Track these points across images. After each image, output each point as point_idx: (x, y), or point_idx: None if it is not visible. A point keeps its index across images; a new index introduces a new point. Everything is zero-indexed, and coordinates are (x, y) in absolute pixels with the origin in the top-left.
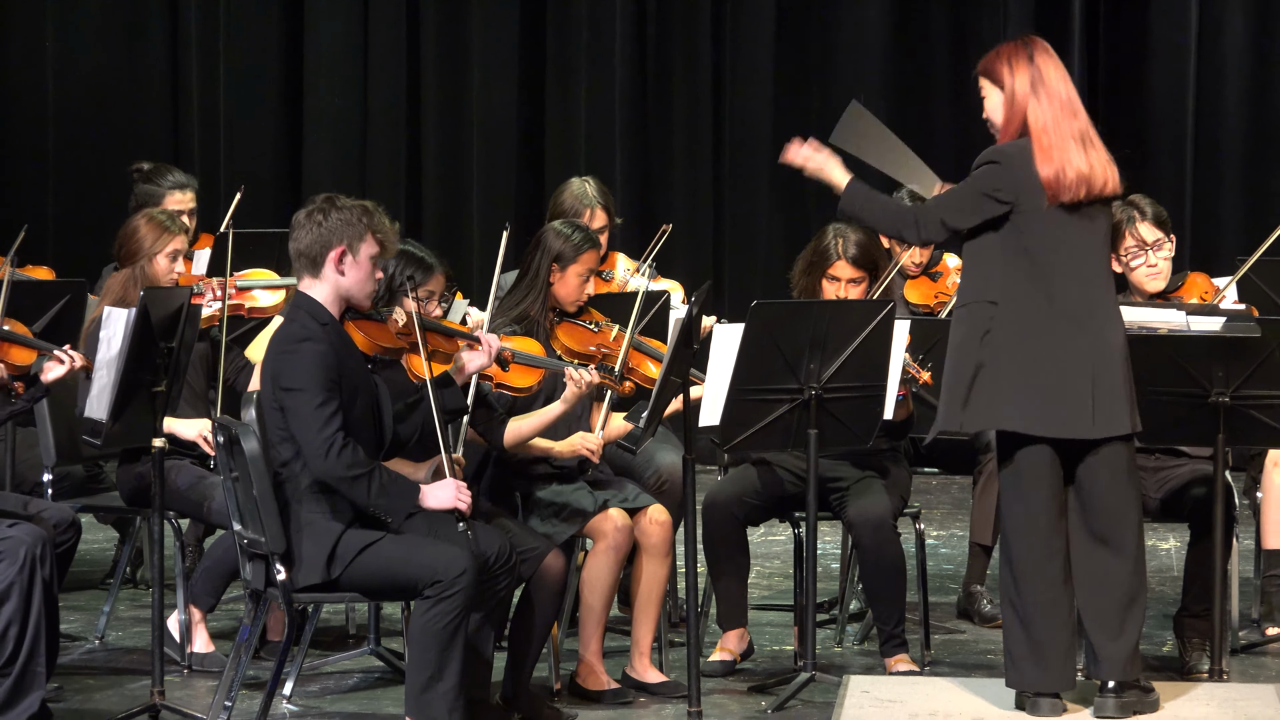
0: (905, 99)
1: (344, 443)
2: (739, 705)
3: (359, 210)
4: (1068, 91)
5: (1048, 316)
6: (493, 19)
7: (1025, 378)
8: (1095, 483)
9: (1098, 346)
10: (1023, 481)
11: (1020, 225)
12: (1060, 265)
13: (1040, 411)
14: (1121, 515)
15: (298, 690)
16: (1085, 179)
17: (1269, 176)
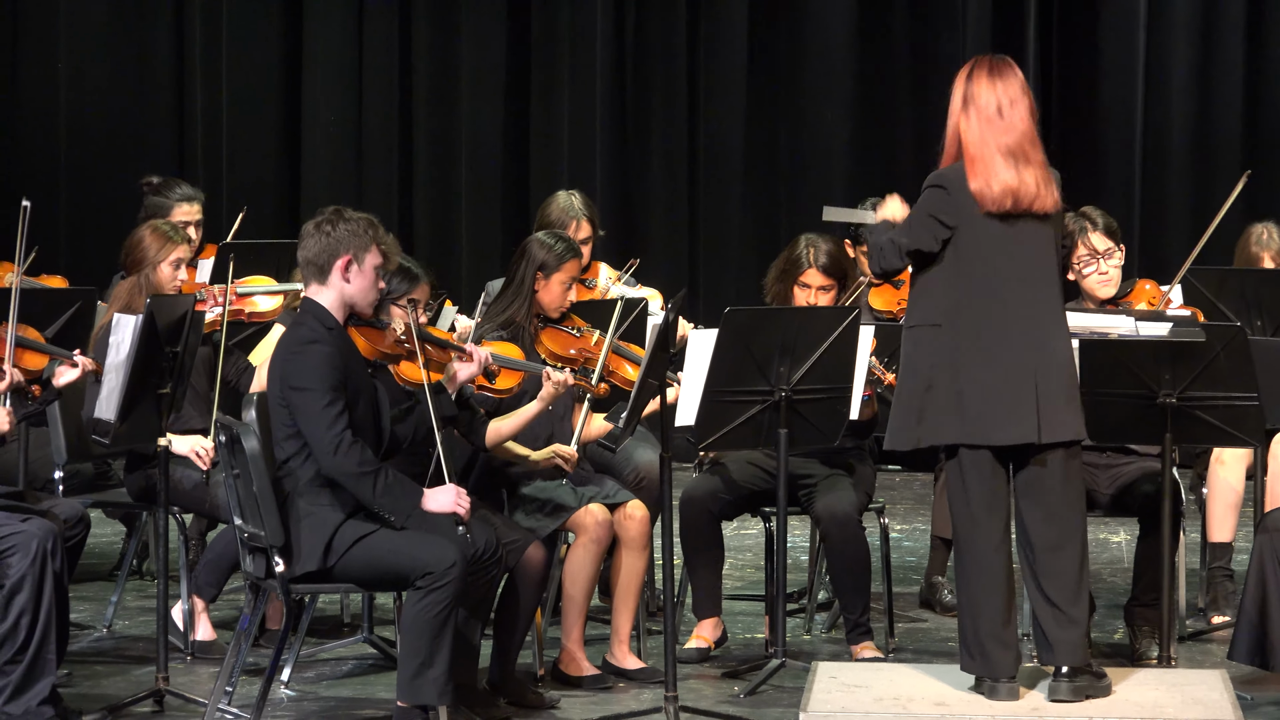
0: (868, 113)
1: (351, 440)
2: (713, 690)
3: (365, 223)
4: (1000, 106)
5: (990, 330)
6: (480, 39)
7: (971, 391)
8: (1042, 485)
9: (1042, 357)
10: (966, 483)
11: (960, 244)
12: (1001, 279)
13: (987, 422)
14: (1067, 515)
15: (295, 676)
16: (1011, 191)
17: (1213, 188)
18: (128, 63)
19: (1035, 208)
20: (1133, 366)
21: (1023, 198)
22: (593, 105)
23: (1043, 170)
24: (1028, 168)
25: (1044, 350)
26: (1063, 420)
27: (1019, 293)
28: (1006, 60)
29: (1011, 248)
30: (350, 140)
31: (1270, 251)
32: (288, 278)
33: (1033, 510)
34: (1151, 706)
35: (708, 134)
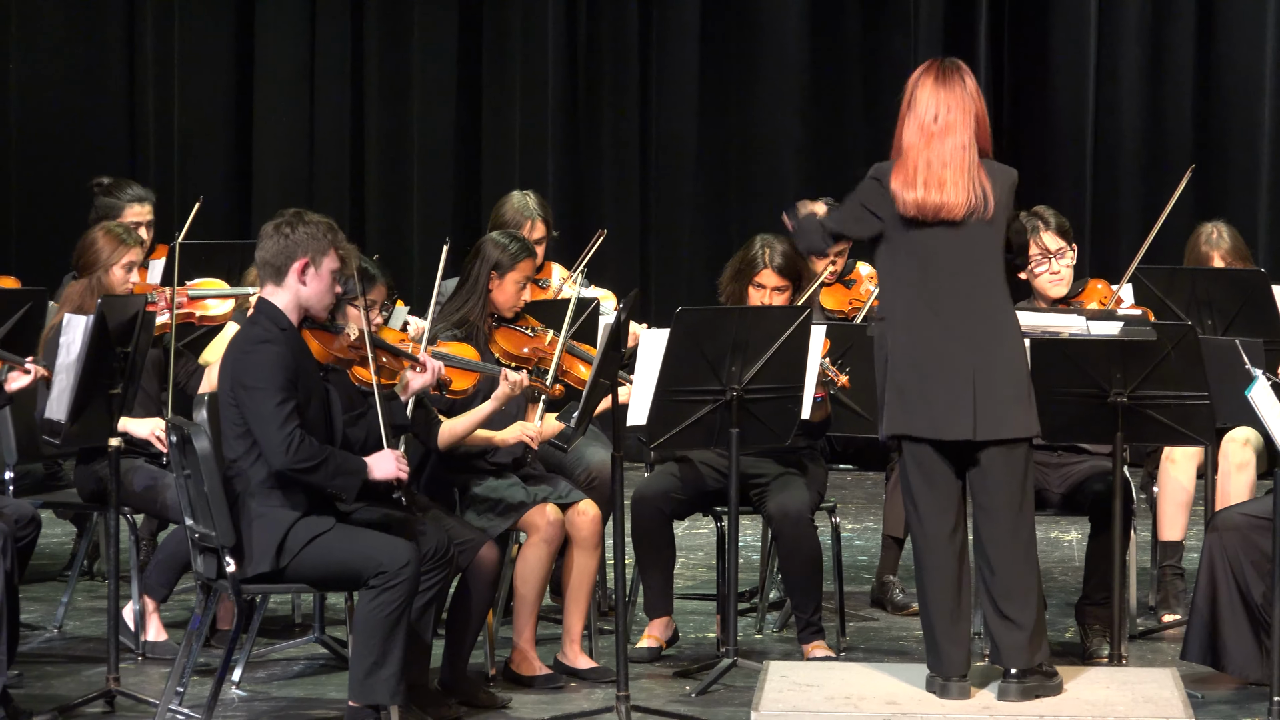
0: (820, 113)
1: (301, 438)
2: (664, 689)
3: (325, 226)
4: (937, 114)
5: (925, 326)
6: (432, 39)
7: (908, 386)
8: (985, 484)
9: (981, 354)
10: (912, 481)
11: (896, 240)
12: (936, 277)
13: (923, 416)
14: (1009, 514)
15: (246, 676)
16: (918, 204)
17: (1163, 188)
18: (80, 63)
19: (947, 216)
20: (1084, 365)
21: (926, 208)
22: (544, 105)
23: (968, 176)
24: (948, 178)
25: (984, 348)
26: (1002, 418)
27: (955, 290)
28: (957, 66)
29: (948, 245)
30: (302, 140)
31: (1220, 251)
32: (239, 279)
33: (978, 509)
34: (1103, 705)
35: (659, 134)
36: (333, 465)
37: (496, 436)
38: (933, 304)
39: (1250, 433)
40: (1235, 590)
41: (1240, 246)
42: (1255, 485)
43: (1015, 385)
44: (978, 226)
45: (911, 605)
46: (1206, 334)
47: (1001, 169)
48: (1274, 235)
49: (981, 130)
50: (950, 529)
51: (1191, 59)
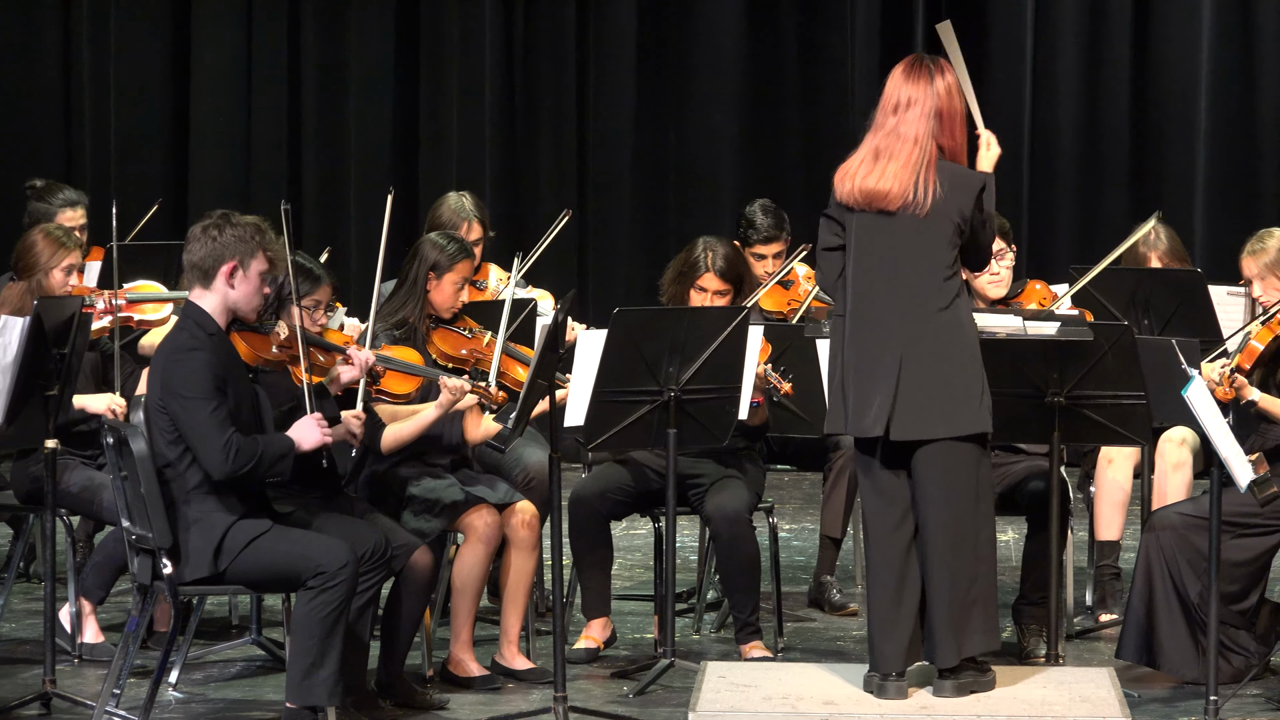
0: (757, 113)
1: (238, 444)
2: (602, 690)
3: (252, 228)
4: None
5: (863, 323)
6: (368, 39)
7: (847, 382)
8: (919, 484)
9: (909, 352)
10: (860, 478)
11: (848, 237)
12: (874, 273)
13: (854, 413)
14: (942, 512)
15: (183, 678)
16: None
17: (1099, 190)
18: (14, 63)
19: (881, 207)
20: (1021, 366)
21: (859, 197)
22: (481, 106)
23: (911, 168)
24: (890, 170)
25: (911, 345)
26: (924, 418)
27: (884, 287)
28: (932, 60)
29: (882, 239)
30: (238, 140)
31: (1158, 251)
32: (176, 280)
33: (915, 508)
34: (1039, 704)
35: (597, 135)
36: (268, 456)
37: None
38: (868, 298)
39: (1187, 432)
40: (1171, 590)
41: (1177, 247)
42: (1191, 485)
43: (948, 383)
44: (909, 221)
45: (849, 605)
46: (1143, 334)
47: (963, 174)
48: (1211, 235)
49: (945, 126)
50: (892, 526)
51: (1128, 59)
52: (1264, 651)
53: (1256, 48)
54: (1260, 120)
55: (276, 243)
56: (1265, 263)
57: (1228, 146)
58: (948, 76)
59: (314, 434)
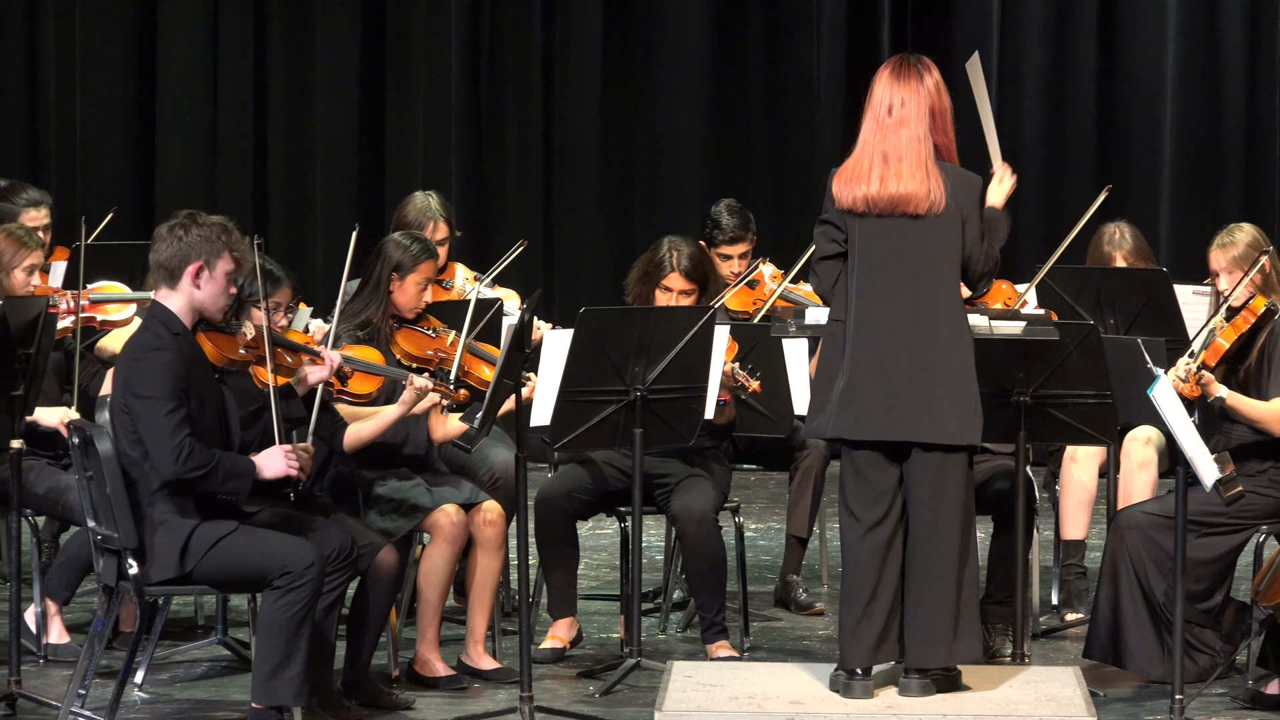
0: (723, 113)
1: (191, 447)
2: (568, 690)
3: (218, 228)
4: (891, 106)
5: (873, 327)
6: (334, 40)
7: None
8: (914, 485)
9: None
10: (845, 478)
11: (852, 240)
12: (885, 277)
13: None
14: (933, 517)
15: (149, 679)
16: (870, 198)
17: (1066, 190)
18: None
19: (904, 210)
20: (986, 365)
21: (880, 201)
22: (448, 106)
23: (924, 169)
24: (904, 170)
25: (924, 350)
26: (936, 421)
27: (899, 290)
28: (919, 60)
29: (892, 245)
30: (205, 141)
31: (1123, 251)
32: (141, 280)
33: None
34: (1005, 704)
35: (563, 134)
36: (222, 470)
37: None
38: (879, 302)
39: (1152, 431)
40: (1137, 589)
41: (1142, 246)
42: (1157, 484)
43: (954, 388)
44: (930, 221)
45: (815, 605)
46: (1109, 333)
47: (963, 174)
48: (1176, 235)
49: (939, 126)
50: (875, 524)
51: (1094, 59)
52: (1229, 650)
53: (1222, 48)
54: (1225, 121)
55: (243, 243)
56: (1233, 257)
57: (1193, 147)
58: (935, 74)
59: (278, 464)
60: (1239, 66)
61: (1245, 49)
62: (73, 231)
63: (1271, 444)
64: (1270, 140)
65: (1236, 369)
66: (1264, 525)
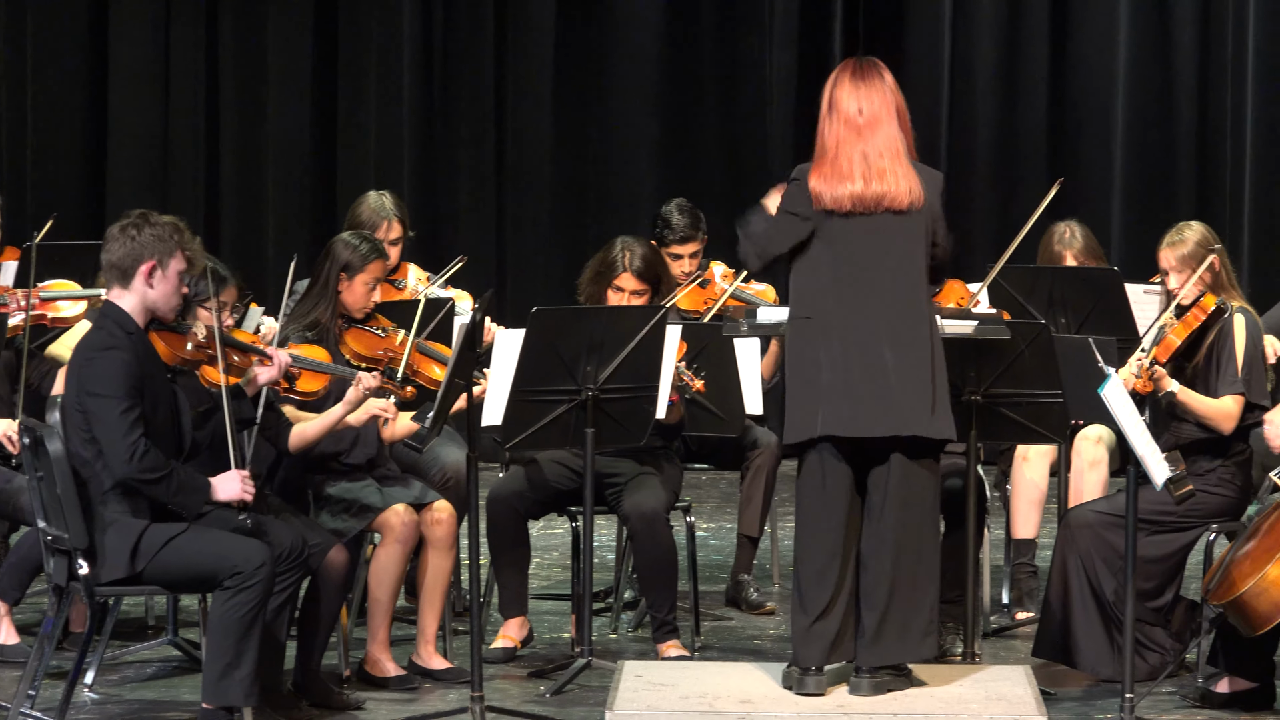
0: (675, 113)
1: (145, 447)
2: (519, 690)
3: (171, 228)
4: (861, 108)
5: (849, 324)
6: (286, 40)
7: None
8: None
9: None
10: (807, 475)
11: (822, 237)
12: (860, 273)
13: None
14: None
15: (99, 679)
16: (855, 197)
17: (1018, 189)
18: None
19: (889, 206)
20: None
21: (867, 200)
22: (400, 106)
23: (903, 166)
24: (886, 168)
25: (902, 346)
26: (919, 417)
27: (878, 287)
28: (873, 63)
29: (870, 242)
30: (156, 142)
31: (1073, 250)
32: (93, 280)
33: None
34: (956, 702)
35: (515, 133)
36: (175, 482)
37: (350, 419)
38: (855, 299)
39: (1103, 430)
40: (1087, 588)
41: (1093, 246)
42: (1108, 483)
43: (930, 385)
44: (913, 217)
45: (766, 604)
46: (1060, 333)
47: (928, 171)
48: (1127, 234)
49: (904, 124)
50: (834, 524)
51: (1046, 59)
52: (1179, 649)
53: (1173, 47)
54: (1176, 120)
55: (194, 243)
56: (1183, 255)
57: (1144, 146)
58: (890, 74)
59: (233, 487)
60: (1190, 66)
61: (1196, 49)
62: (21, 232)
63: (1220, 442)
64: (1220, 139)
65: (1184, 367)
66: (1214, 524)
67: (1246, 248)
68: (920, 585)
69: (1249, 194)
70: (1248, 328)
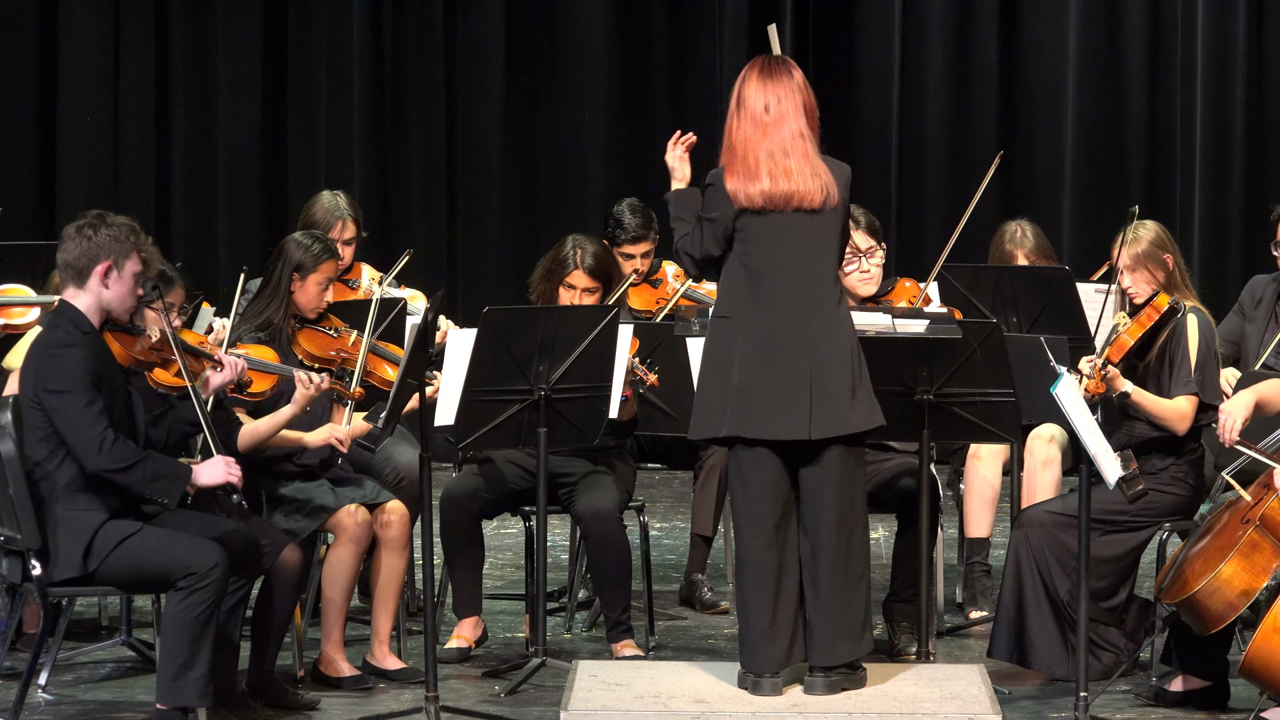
0: (626, 113)
1: (114, 438)
2: (474, 690)
3: (127, 229)
4: (768, 105)
5: (766, 323)
6: (237, 41)
7: (748, 384)
8: (814, 481)
9: (818, 351)
10: (743, 478)
11: (739, 238)
12: (776, 273)
13: (761, 416)
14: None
15: (53, 680)
16: (765, 194)
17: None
18: None
19: (799, 205)
20: (890, 364)
21: (776, 198)
22: (350, 106)
23: (811, 164)
24: (793, 167)
25: (819, 345)
26: (839, 415)
27: (794, 286)
28: (782, 60)
29: (786, 241)
30: (107, 141)
31: (1024, 249)
32: (44, 281)
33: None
34: (910, 701)
35: (466, 134)
36: (150, 468)
37: (306, 438)
38: (772, 298)
39: (1055, 430)
40: (1041, 587)
41: (1044, 245)
42: (1060, 482)
43: (850, 380)
44: (825, 216)
45: (720, 604)
46: (1012, 332)
47: (836, 164)
48: (1078, 233)
49: (812, 121)
50: (772, 525)
51: (995, 58)
52: (1133, 648)
53: (1123, 47)
54: (1126, 120)
55: (149, 244)
56: (1137, 253)
57: (1094, 146)
58: (799, 72)
59: (217, 471)
60: (1140, 66)
61: (1146, 49)
62: None
63: (1173, 441)
64: (1171, 139)
65: (1135, 366)
66: (1167, 523)
67: (1196, 247)
68: (853, 581)
69: (1199, 194)
70: (1201, 328)
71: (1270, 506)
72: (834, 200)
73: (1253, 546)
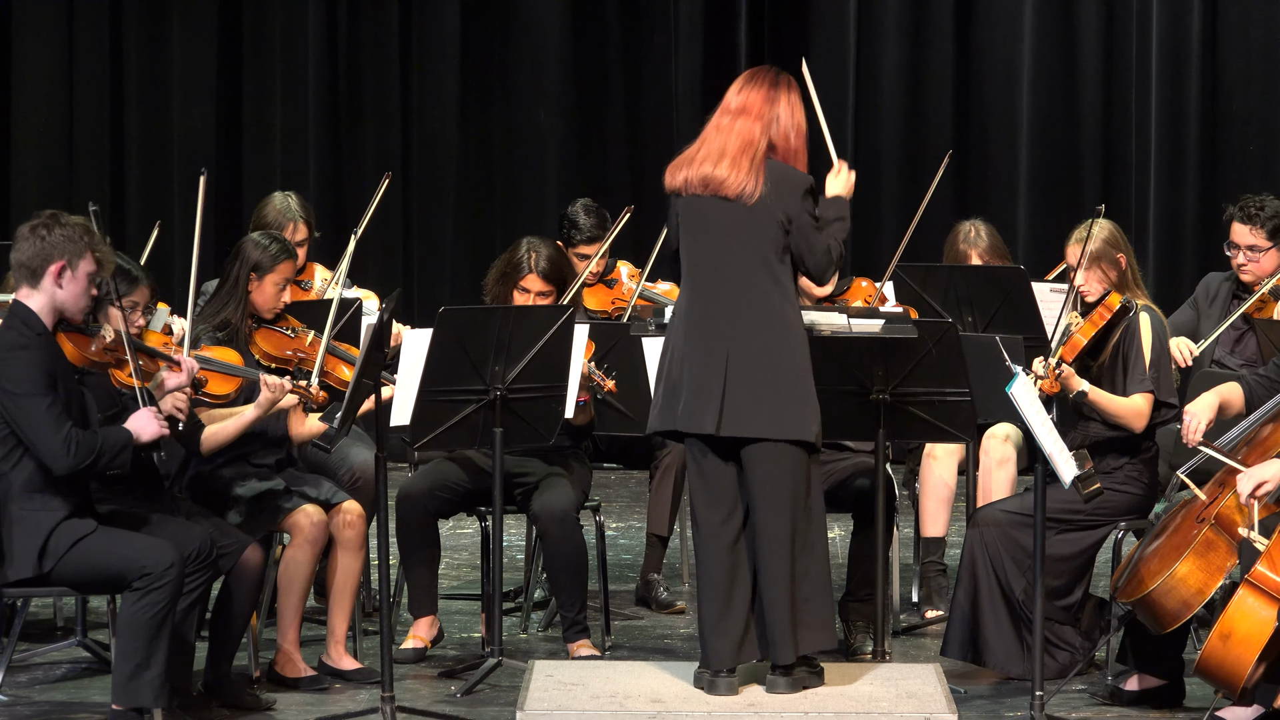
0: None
1: (77, 437)
2: (430, 690)
3: (81, 229)
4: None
5: (693, 319)
6: (191, 40)
7: (678, 379)
8: (748, 481)
9: (737, 347)
10: (689, 473)
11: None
12: (701, 269)
13: (683, 410)
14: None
15: (7, 681)
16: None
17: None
18: None
19: (717, 191)
20: (845, 363)
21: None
22: (305, 106)
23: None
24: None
25: (741, 337)
26: (752, 415)
27: (716, 274)
28: (775, 71)
29: (710, 228)
30: (60, 140)
31: (978, 249)
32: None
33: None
34: (866, 700)
35: (421, 135)
36: (108, 448)
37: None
38: (697, 293)
39: (1011, 429)
40: (996, 586)
41: (998, 244)
42: (1016, 481)
43: (774, 384)
44: (739, 209)
45: (676, 604)
46: (967, 331)
47: (789, 172)
48: (1034, 232)
49: (780, 131)
50: (720, 522)
51: (950, 57)
52: (1088, 646)
53: (1078, 45)
54: (1081, 118)
55: (105, 243)
56: (1089, 252)
57: (1049, 144)
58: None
59: (151, 426)
60: (1095, 64)
61: (1101, 47)
62: None
63: (1128, 440)
64: (1126, 138)
65: (1090, 365)
66: (1122, 521)
67: (1151, 247)
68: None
69: (1153, 193)
70: (1153, 326)
71: (1225, 506)
72: (751, 198)
73: (1208, 545)
